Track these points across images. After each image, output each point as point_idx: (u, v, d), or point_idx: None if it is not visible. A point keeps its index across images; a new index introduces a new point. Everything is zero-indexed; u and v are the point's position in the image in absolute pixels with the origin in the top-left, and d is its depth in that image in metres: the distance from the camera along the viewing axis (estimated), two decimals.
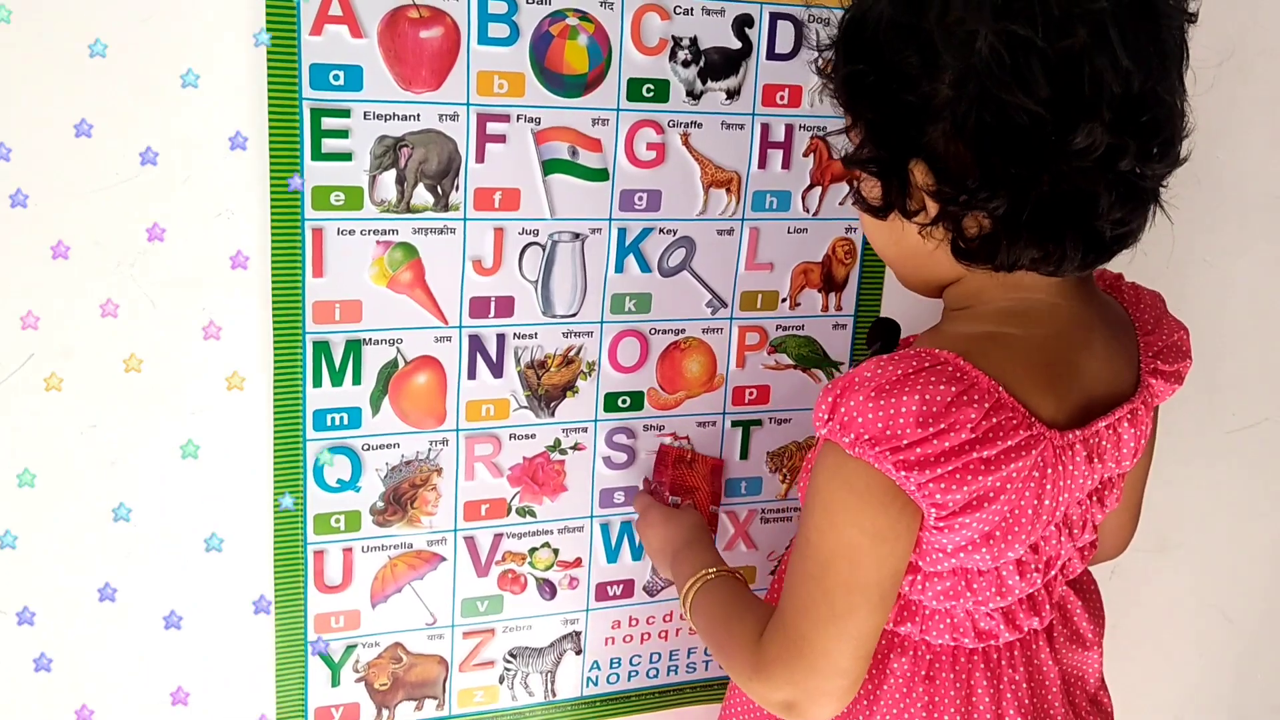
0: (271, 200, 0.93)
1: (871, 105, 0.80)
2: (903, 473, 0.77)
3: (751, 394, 1.16)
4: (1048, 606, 0.92)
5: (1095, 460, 0.86)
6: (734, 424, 1.16)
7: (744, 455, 1.18)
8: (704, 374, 1.14)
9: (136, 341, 0.94)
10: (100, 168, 0.89)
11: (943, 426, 0.77)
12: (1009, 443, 0.79)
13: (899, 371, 0.79)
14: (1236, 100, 1.25)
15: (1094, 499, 0.91)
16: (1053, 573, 0.91)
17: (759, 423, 1.17)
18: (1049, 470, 0.81)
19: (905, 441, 0.77)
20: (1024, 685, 0.92)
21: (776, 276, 1.13)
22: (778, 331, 1.15)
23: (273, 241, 0.95)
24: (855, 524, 0.80)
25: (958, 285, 0.87)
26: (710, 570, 0.97)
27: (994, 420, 0.78)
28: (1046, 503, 0.82)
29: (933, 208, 0.80)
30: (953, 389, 0.78)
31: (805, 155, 1.10)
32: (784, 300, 1.14)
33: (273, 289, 0.96)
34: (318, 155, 0.93)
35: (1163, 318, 0.96)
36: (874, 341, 0.98)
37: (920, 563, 0.84)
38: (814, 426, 0.82)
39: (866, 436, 0.78)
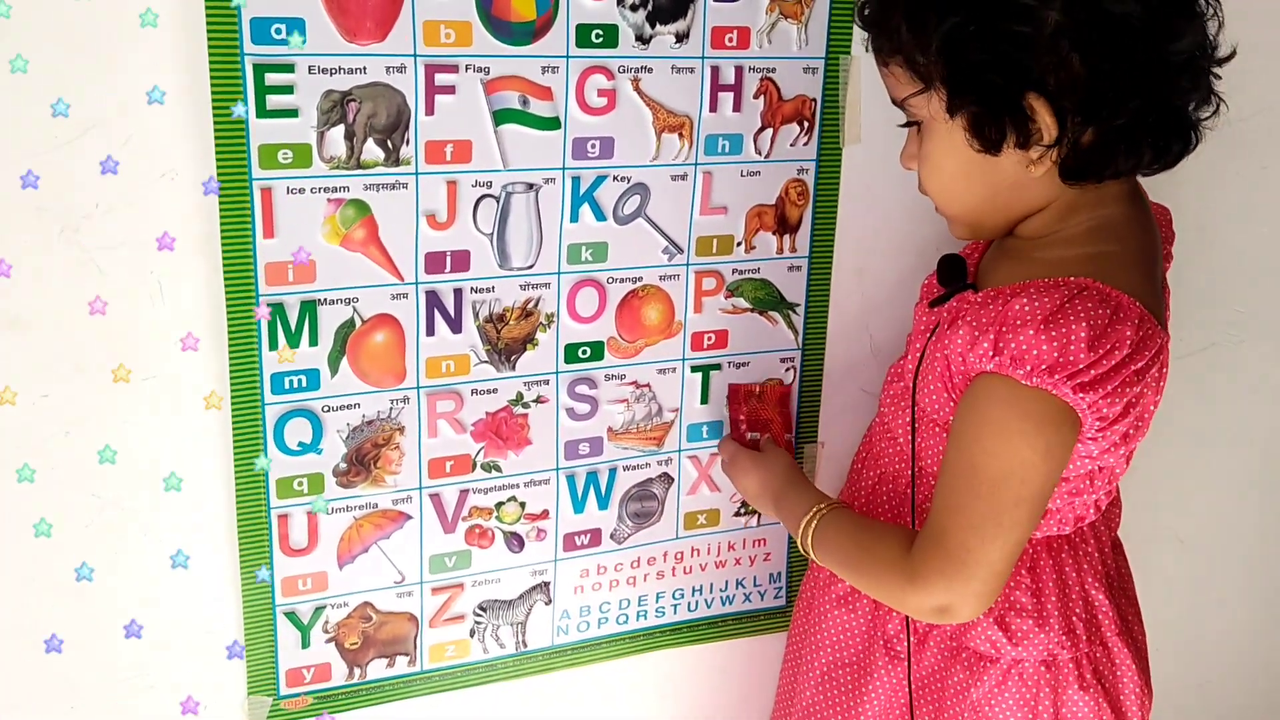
0: (217, 159, 0.91)
1: (980, 49, 0.83)
2: (1079, 395, 0.84)
3: (710, 339, 1.16)
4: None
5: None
6: (694, 369, 1.17)
7: (704, 400, 1.18)
8: (662, 321, 1.14)
9: (84, 309, 0.92)
10: (40, 132, 0.87)
11: (1109, 346, 0.84)
12: (1151, 351, 0.86)
13: (1055, 301, 0.85)
14: None
15: None
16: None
17: (718, 367, 1.18)
18: (1164, 370, 0.91)
19: (1081, 365, 0.83)
20: (1096, 555, 1.03)
21: (731, 220, 1.13)
22: (734, 275, 1.15)
23: (220, 201, 0.92)
24: (1030, 445, 0.86)
25: (1039, 215, 0.92)
26: (821, 505, 1.02)
27: (1142, 333, 0.86)
28: (1158, 397, 0.91)
29: (1051, 132, 0.84)
30: (1106, 310, 0.84)
31: (755, 97, 1.09)
32: (739, 244, 1.14)
33: (223, 251, 0.94)
34: (262, 112, 0.91)
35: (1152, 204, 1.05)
36: (952, 280, 1.00)
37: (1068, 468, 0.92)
38: (971, 365, 0.88)
39: (1044, 366, 0.83)
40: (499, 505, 1.12)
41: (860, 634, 1.08)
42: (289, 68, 0.91)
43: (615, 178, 1.06)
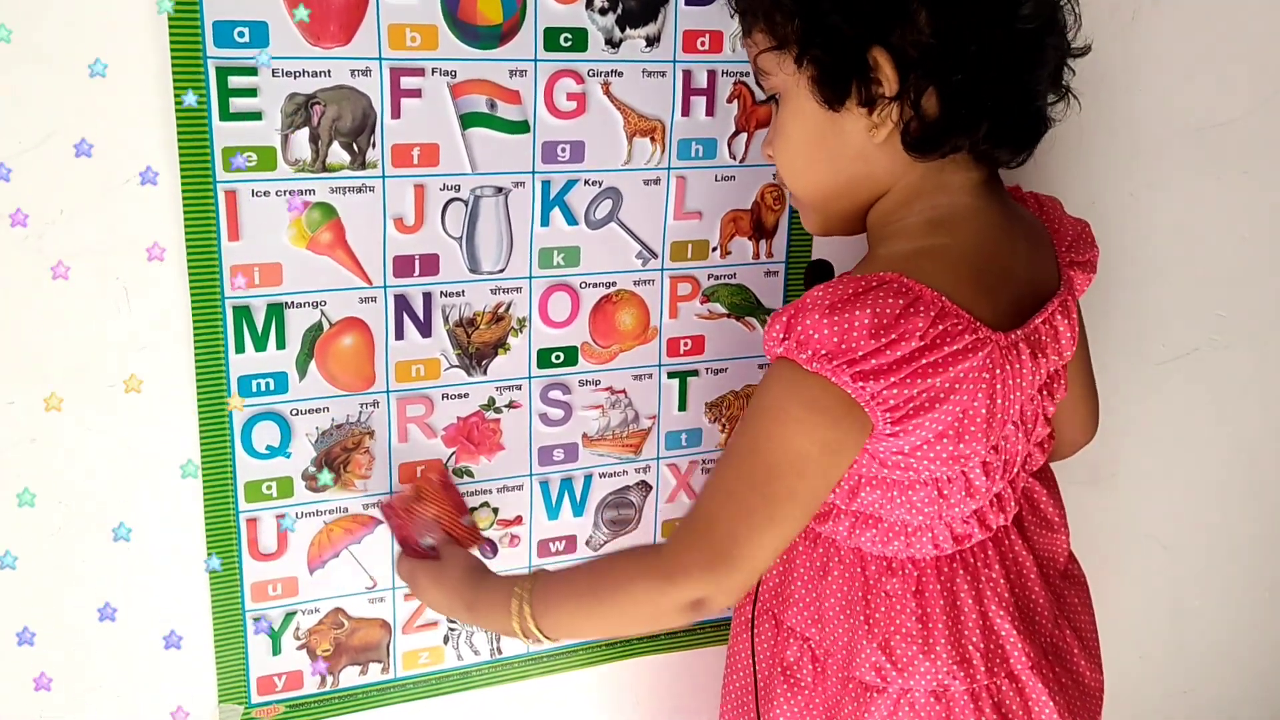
0: (180, 163, 0.91)
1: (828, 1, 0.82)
2: (859, 384, 0.81)
3: (686, 344, 1.16)
4: (1012, 502, 0.98)
5: (1039, 355, 0.91)
6: (670, 375, 1.16)
7: (682, 407, 1.18)
8: (637, 326, 1.13)
9: (47, 318, 0.92)
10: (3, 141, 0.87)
11: (894, 336, 0.81)
12: (955, 346, 0.83)
13: (849, 290, 0.83)
14: (1154, 32, 1.26)
15: (1043, 393, 0.96)
16: (1015, 470, 0.96)
17: (695, 373, 1.17)
18: (998, 371, 0.86)
19: (860, 353, 0.81)
20: (1001, 580, 0.97)
21: (706, 225, 1.12)
22: (709, 281, 1.15)
23: (184, 205, 0.92)
24: (808, 435, 0.83)
25: (882, 204, 0.90)
26: (519, 585, 0.93)
27: (940, 327, 0.82)
28: (1000, 402, 0.87)
29: (892, 85, 0.83)
30: (900, 301, 0.82)
31: (729, 101, 1.09)
32: (714, 249, 1.14)
33: (187, 254, 0.94)
34: (226, 115, 0.91)
35: (1064, 216, 1.03)
36: (812, 283, 0.99)
37: (893, 475, 0.89)
38: (766, 350, 0.86)
39: (824, 351, 0.81)
40: (471, 510, 1.11)
41: (764, 660, 1.03)
42: (252, 70, 0.91)
43: (586, 182, 1.06)
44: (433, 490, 1.06)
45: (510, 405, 1.10)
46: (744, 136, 1.11)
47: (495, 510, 1.12)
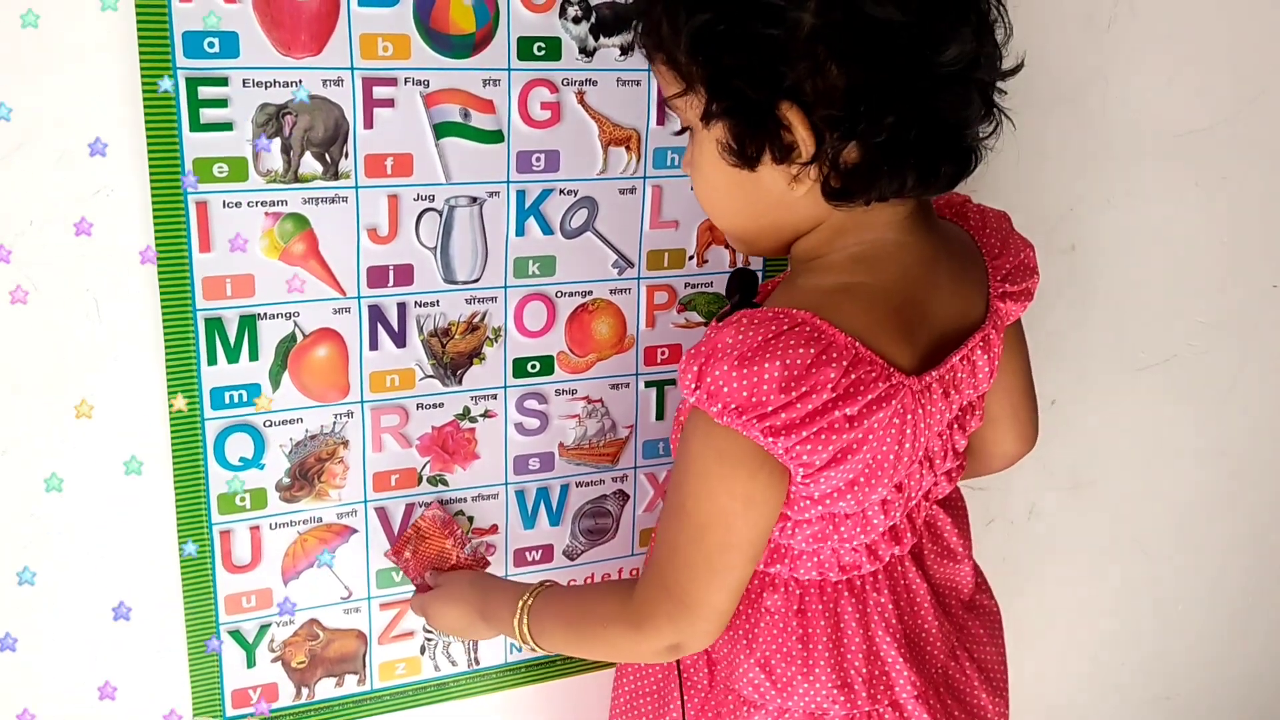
0: (151, 174, 0.90)
1: (730, 52, 0.76)
2: (770, 439, 0.78)
3: (664, 354, 1.16)
4: (909, 534, 0.95)
5: (952, 393, 0.88)
6: (647, 384, 1.16)
7: (659, 416, 1.17)
8: (614, 335, 1.13)
9: (17, 330, 0.91)
10: None
11: (805, 389, 0.77)
12: (869, 396, 0.79)
13: (759, 338, 0.78)
14: (1128, 40, 1.26)
15: (954, 427, 0.93)
16: (913, 503, 0.94)
17: (673, 382, 1.17)
18: (909, 416, 0.83)
19: (770, 408, 0.77)
20: (890, 607, 0.94)
21: (682, 234, 1.12)
22: (686, 289, 1.14)
23: (154, 216, 0.92)
24: (728, 491, 0.82)
25: (808, 238, 0.86)
26: (527, 593, 0.98)
27: (853, 376, 0.79)
28: (908, 446, 0.84)
29: (808, 146, 0.77)
30: (812, 350, 0.78)
31: None
32: (691, 257, 1.13)
33: (159, 265, 0.93)
34: (196, 126, 0.90)
35: (1009, 237, 0.97)
36: (733, 294, 0.97)
37: (789, 511, 0.86)
38: (681, 391, 0.82)
39: (733, 405, 0.78)
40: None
41: (659, 664, 1.03)
42: (222, 81, 0.90)
43: (561, 191, 1.06)
44: (432, 528, 1.07)
45: (486, 415, 1.10)
46: None
47: (471, 519, 1.12)
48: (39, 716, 0.99)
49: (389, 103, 0.96)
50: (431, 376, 1.06)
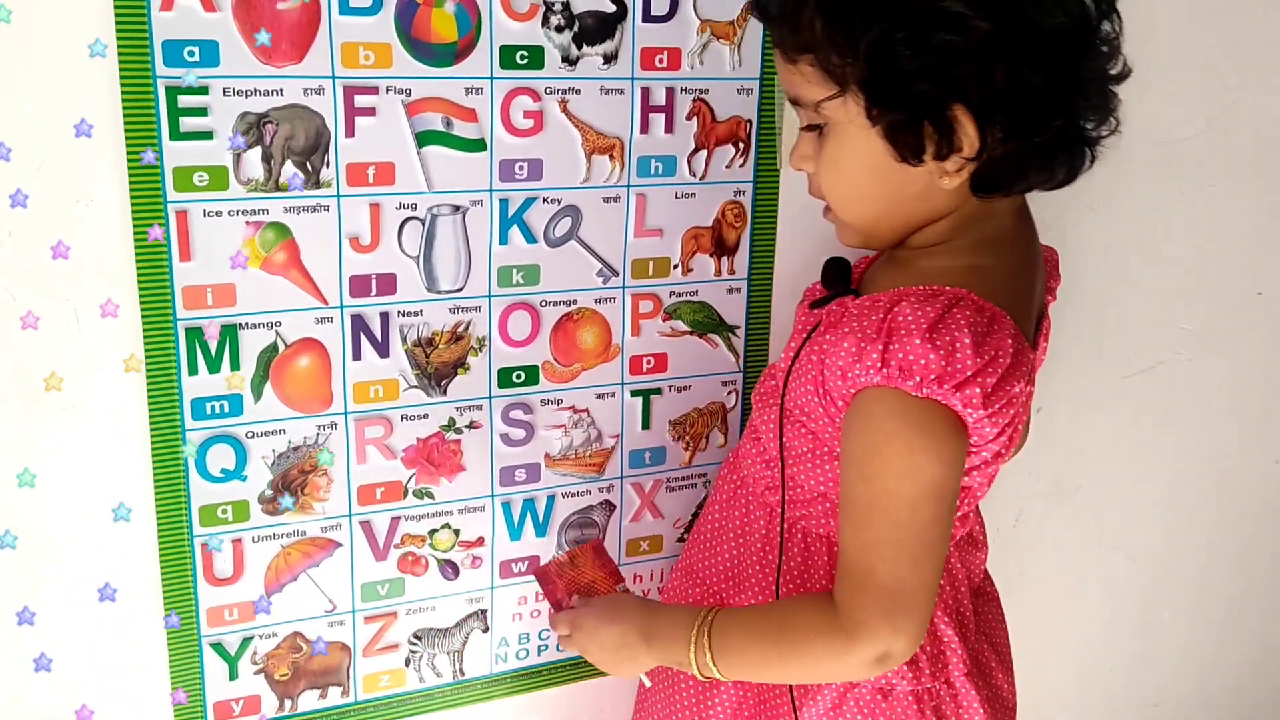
0: (130, 183, 0.90)
1: (908, 57, 0.79)
2: (968, 410, 0.82)
3: (649, 362, 1.15)
4: (971, 515, 1.00)
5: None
6: (633, 394, 1.15)
7: (645, 425, 1.17)
8: (599, 344, 1.12)
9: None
10: None
11: (993, 354, 0.82)
12: (1026, 366, 0.84)
13: (934, 311, 0.82)
14: None
15: None
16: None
17: (659, 391, 1.16)
18: (1032, 390, 0.88)
19: (969, 373, 0.81)
20: (947, 590, 0.98)
21: (667, 242, 1.12)
22: (671, 298, 1.14)
23: (134, 225, 0.91)
24: (938, 459, 0.83)
25: (935, 225, 0.89)
26: (700, 615, 0.93)
27: (1018, 346, 0.84)
28: (1026, 416, 0.90)
29: (973, 144, 0.81)
30: (984, 318, 0.83)
31: (688, 119, 1.08)
32: (676, 266, 1.13)
33: (138, 274, 0.92)
34: (176, 135, 0.90)
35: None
36: (835, 283, 0.97)
37: None
38: (855, 379, 0.84)
39: (933, 376, 0.81)
40: (432, 532, 1.10)
41: None
42: (203, 90, 0.90)
43: (545, 200, 1.05)
44: (589, 559, 1.07)
45: (471, 425, 1.09)
46: (704, 154, 1.10)
47: (456, 532, 1.11)
48: (39, 614, 0.97)
49: (370, 111, 0.96)
50: (416, 387, 1.05)
